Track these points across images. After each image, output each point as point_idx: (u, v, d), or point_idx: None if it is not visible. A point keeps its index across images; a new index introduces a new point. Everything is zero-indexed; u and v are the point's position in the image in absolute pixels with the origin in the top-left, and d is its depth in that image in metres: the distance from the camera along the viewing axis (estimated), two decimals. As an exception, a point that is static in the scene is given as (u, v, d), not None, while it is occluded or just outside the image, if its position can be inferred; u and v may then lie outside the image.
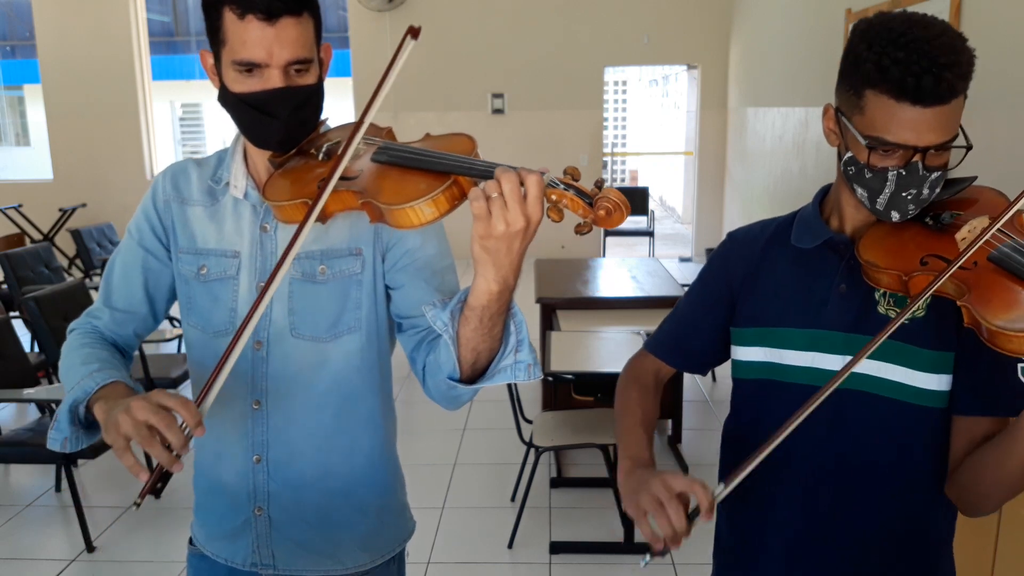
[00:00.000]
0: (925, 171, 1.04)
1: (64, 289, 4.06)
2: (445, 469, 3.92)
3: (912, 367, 1.12)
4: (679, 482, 1.07)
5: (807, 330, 1.18)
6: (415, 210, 0.99)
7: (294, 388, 1.29)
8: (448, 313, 1.09)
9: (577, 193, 0.94)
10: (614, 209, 0.91)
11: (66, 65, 9.03)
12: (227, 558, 1.37)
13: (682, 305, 1.38)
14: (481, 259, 1.00)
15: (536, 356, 1.12)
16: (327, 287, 1.27)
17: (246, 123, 1.22)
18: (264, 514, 1.33)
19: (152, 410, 1.01)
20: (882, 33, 1.03)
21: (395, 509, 1.43)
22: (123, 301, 1.34)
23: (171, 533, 3.31)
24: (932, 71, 0.99)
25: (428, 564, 3.11)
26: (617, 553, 3.16)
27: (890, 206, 1.08)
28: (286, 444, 1.31)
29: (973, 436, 1.11)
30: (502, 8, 8.74)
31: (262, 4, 1.12)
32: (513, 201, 0.94)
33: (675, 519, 1.04)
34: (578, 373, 3.18)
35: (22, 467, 3.98)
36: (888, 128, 1.03)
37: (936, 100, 1.00)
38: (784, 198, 6.60)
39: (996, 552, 2.23)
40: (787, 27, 6.57)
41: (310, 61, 1.18)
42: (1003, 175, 3.24)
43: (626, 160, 16.19)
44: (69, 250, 8.04)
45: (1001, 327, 0.95)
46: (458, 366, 1.11)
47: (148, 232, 1.33)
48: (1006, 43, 3.33)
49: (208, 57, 1.22)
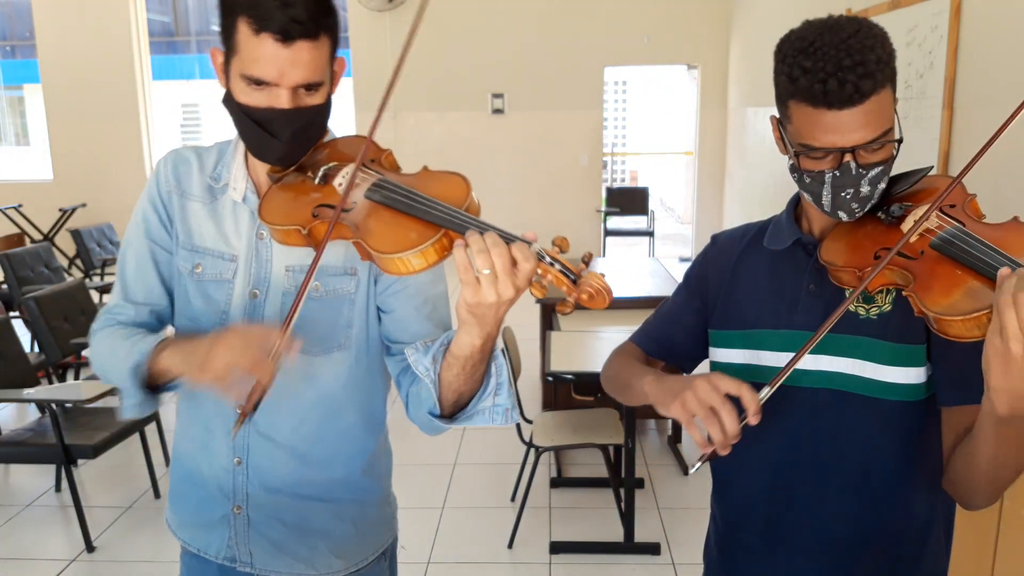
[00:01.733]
0: (861, 169, 1.06)
1: (64, 289, 4.06)
2: (445, 469, 3.92)
3: (880, 362, 1.13)
4: (726, 383, 1.04)
5: (781, 331, 1.21)
6: (403, 260, 0.99)
7: (280, 399, 1.27)
8: (430, 358, 1.09)
9: (563, 270, 0.93)
10: (596, 295, 0.91)
11: (66, 65, 9.03)
12: (200, 548, 1.38)
13: (667, 303, 1.43)
14: (467, 320, 1.00)
15: (515, 400, 1.13)
16: (320, 304, 1.26)
17: (247, 135, 1.20)
18: (243, 513, 1.33)
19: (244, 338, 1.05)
20: (795, 44, 1.07)
21: (372, 520, 1.42)
22: (143, 295, 1.31)
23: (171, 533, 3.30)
24: (836, 75, 1.01)
25: (428, 564, 3.11)
26: (617, 553, 3.16)
27: (834, 207, 1.11)
28: (267, 451, 1.31)
29: (960, 427, 1.12)
30: (502, 8, 8.73)
31: (279, 24, 1.08)
32: (504, 275, 0.92)
33: (729, 425, 1.02)
34: (578, 373, 3.18)
35: (22, 467, 3.98)
36: (812, 134, 1.06)
37: (846, 103, 1.02)
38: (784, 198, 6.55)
39: (996, 552, 2.23)
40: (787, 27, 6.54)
41: (321, 84, 1.16)
42: (1003, 175, 3.24)
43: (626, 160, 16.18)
44: (69, 250, 8.04)
45: (940, 313, 0.96)
46: (439, 406, 1.11)
47: (155, 222, 1.30)
48: (1006, 43, 3.33)
49: (219, 56, 1.18)
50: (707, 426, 1.03)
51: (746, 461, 1.24)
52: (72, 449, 3.18)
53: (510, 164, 8.90)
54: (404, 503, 1.53)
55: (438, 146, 8.76)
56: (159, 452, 3.89)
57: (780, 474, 1.23)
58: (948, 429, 1.14)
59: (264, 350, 1.03)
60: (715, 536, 1.38)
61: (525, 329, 4.61)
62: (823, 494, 1.20)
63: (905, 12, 4.18)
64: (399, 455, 1.44)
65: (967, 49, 3.66)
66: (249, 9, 1.09)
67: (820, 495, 1.20)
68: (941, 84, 3.80)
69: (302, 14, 1.08)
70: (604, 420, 3.40)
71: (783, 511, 1.23)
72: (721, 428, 1.02)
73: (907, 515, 1.20)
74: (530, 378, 4.53)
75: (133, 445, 3.72)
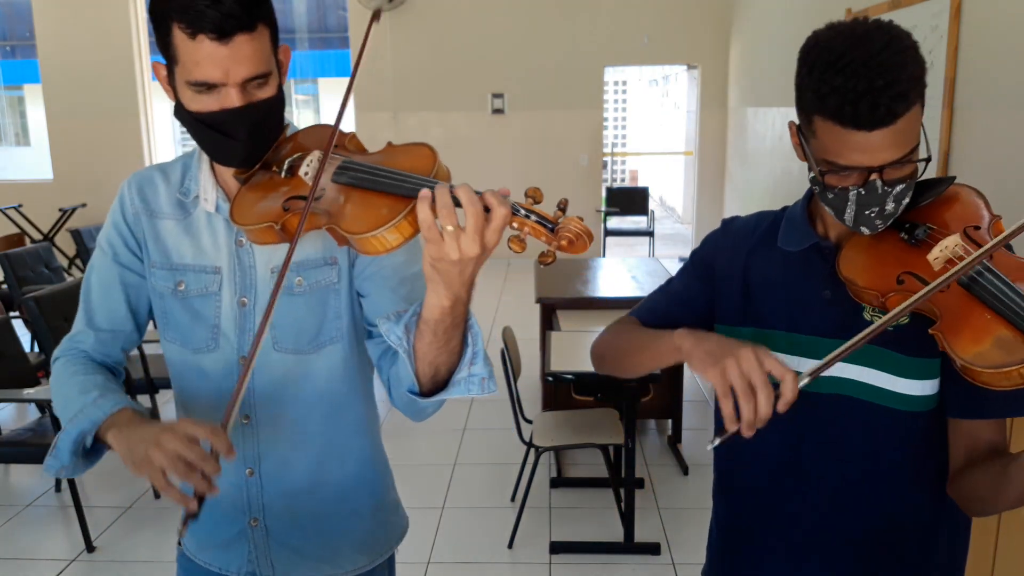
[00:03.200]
0: (886, 187, 1.03)
1: (64, 289, 4.06)
2: (445, 469, 3.91)
3: (896, 373, 1.12)
4: (772, 362, 0.99)
5: (790, 334, 1.19)
6: (378, 238, 0.97)
7: (281, 401, 1.27)
8: (402, 327, 1.06)
9: (539, 220, 0.90)
10: (576, 239, 0.88)
11: (66, 65, 9.03)
12: (220, 567, 1.36)
13: (672, 281, 1.38)
14: (432, 278, 0.97)
15: (491, 369, 1.08)
16: (305, 299, 1.24)
17: (205, 142, 1.17)
18: (260, 524, 1.32)
19: (183, 443, 1.01)
20: (823, 55, 1.01)
21: (389, 507, 1.43)
22: (106, 321, 1.29)
23: (171, 533, 3.31)
24: (868, 96, 0.97)
25: (428, 564, 3.11)
26: (617, 553, 3.16)
27: (857, 223, 1.08)
28: (278, 456, 1.30)
29: (972, 439, 1.11)
30: (502, 8, 8.73)
31: (212, 23, 1.05)
32: (472, 230, 0.89)
33: (764, 407, 0.97)
34: (578, 373, 3.18)
35: (22, 467, 3.98)
36: (839, 153, 1.02)
37: (876, 124, 0.98)
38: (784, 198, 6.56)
39: (996, 552, 2.23)
40: (787, 27, 6.57)
41: (268, 74, 1.13)
42: (1003, 175, 3.24)
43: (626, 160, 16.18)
44: (69, 250, 8.04)
45: (969, 362, 0.95)
46: (416, 380, 1.08)
47: (122, 246, 1.28)
48: (1006, 43, 3.33)
49: (161, 69, 1.14)
50: (742, 402, 0.98)
51: (750, 460, 1.24)
52: (72, 449, 3.18)
53: (510, 164, 8.89)
54: (404, 503, 1.53)
55: (438, 146, 8.48)
56: (159, 452, 3.88)
57: (784, 475, 1.22)
58: (956, 440, 1.13)
59: (202, 459, 1.00)
60: (718, 535, 1.37)
61: (525, 329, 4.62)
62: (826, 496, 1.19)
63: (905, 12, 4.19)
64: (399, 455, 1.44)
65: (967, 49, 3.66)
66: (180, 14, 1.06)
67: (823, 497, 1.19)
68: (941, 84, 3.80)
69: (234, 8, 1.06)
70: (604, 420, 3.40)
71: (786, 511, 1.23)
72: (755, 408, 0.98)
73: (911, 519, 1.19)
74: (530, 378, 4.52)
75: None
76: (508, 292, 7.55)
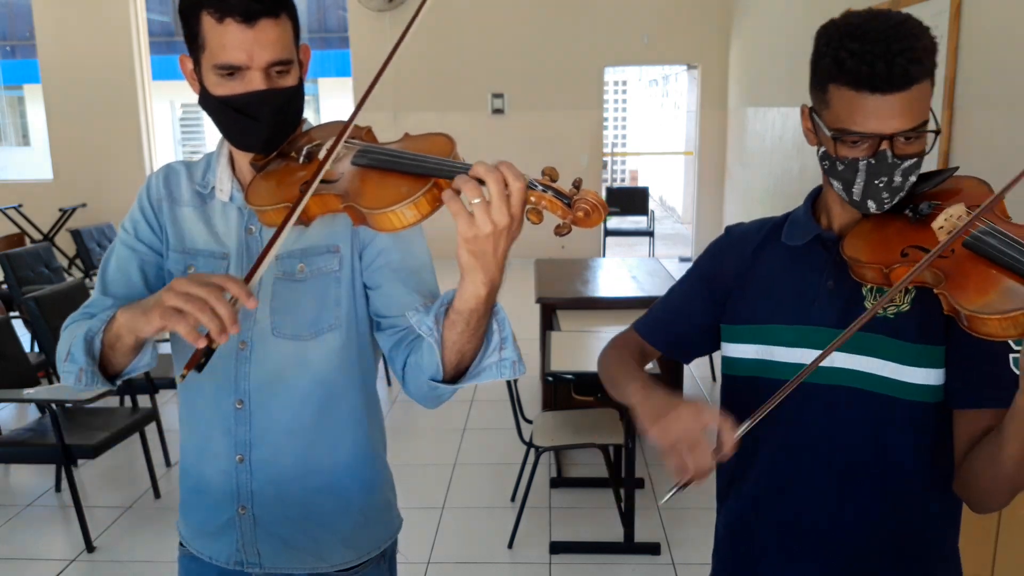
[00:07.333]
0: (896, 159, 1.06)
1: (64, 289, 4.06)
2: (445, 469, 3.92)
3: (899, 362, 1.13)
4: (708, 416, 1.06)
5: (796, 326, 1.20)
6: (396, 214, 0.99)
7: (276, 388, 1.29)
8: (432, 317, 1.09)
9: (556, 195, 0.94)
10: (592, 211, 0.91)
11: (66, 65, 9.03)
12: (211, 556, 1.38)
13: (674, 291, 1.40)
14: (469, 264, 0.99)
15: (520, 352, 1.13)
16: (306, 285, 1.28)
17: (228, 126, 1.23)
18: (248, 513, 1.33)
19: (197, 282, 1.00)
20: (841, 28, 1.07)
21: (379, 506, 1.43)
22: (123, 290, 1.30)
23: (171, 533, 3.28)
24: (885, 58, 1.01)
25: (428, 564, 3.11)
26: (617, 553, 3.17)
27: (865, 195, 1.10)
28: (269, 443, 1.31)
29: (974, 430, 1.11)
30: (502, 8, 8.74)
31: (240, 7, 1.13)
32: (498, 199, 0.93)
33: (703, 461, 1.03)
34: (578, 373, 3.18)
35: (22, 467, 3.98)
36: (852, 119, 1.06)
37: (892, 87, 1.02)
38: (784, 198, 6.60)
39: (996, 552, 2.23)
40: (787, 27, 6.57)
41: (290, 62, 1.20)
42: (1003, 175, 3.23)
43: (626, 160, 16.19)
44: (69, 250, 8.04)
45: (975, 311, 0.96)
46: (442, 368, 1.12)
47: (144, 227, 1.33)
48: (1006, 43, 3.33)
49: (187, 62, 1.23)
50: (684, 457, 1.04)
51: (759, 457, 1.24)
52: (72, 449, 3.19)
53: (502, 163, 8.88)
54: (404, 503, 1.53)
55: (438, 146, 8.71)
56: (159, 452, 3.89)
57: (794, 471, 1.21)
58: (959, 432, 1.13)
59: (216, 298, 0.98)
60: (725, 534, 1.36)
61: (525, 329, 4.61)
62: (838, 493, 1.19)
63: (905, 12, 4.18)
64: (399, 455, 1.44)
65: (967, 49, 3.66)
66: (209, 2, 1.14)
67: (834, 494, 1.19)
68: (941, 84, 3.79)
69: None
70: (604, 420, 3.40)
71: (796, 509, 1.22)
72: (697, 462, 1.03)
73: (924, 516, 1.19)
74: (530, 378, 4.53)
75: (133, 445, 3.71)
76: (508, 292, 7.49)
